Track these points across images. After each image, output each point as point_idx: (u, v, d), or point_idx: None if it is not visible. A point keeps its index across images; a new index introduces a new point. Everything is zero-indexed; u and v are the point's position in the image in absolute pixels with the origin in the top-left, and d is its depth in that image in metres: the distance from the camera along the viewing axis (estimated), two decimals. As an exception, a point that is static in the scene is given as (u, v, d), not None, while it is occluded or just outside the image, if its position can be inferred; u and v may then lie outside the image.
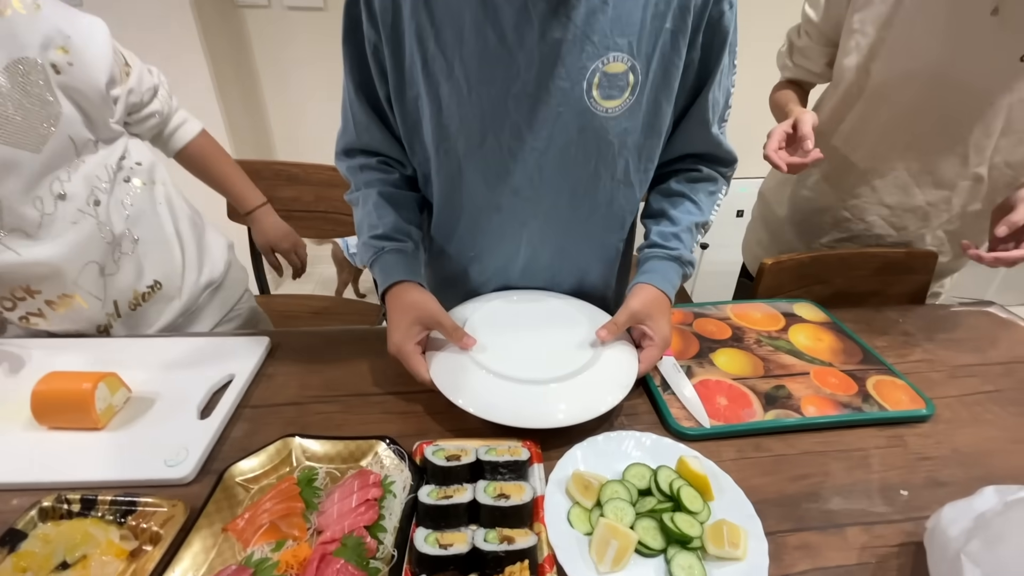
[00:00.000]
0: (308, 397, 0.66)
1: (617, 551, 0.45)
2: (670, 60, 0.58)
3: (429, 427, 0.61)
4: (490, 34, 0.55)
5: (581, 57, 0.56)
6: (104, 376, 0.58)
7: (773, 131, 0.78)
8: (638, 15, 0.55)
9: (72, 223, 0.69)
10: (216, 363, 0.67)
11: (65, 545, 0.45)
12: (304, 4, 2.01)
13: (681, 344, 0.74)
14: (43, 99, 0.64)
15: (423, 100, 0.61)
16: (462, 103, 0.59)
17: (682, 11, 0.55)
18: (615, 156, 0.63)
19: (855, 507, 0.53)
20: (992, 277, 2.38)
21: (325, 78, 2.11)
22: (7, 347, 0.70)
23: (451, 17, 0.55)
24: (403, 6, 0.56)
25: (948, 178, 0.85)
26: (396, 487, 0.51)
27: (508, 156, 0.63)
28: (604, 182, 0.66)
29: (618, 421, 0.63)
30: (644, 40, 0.56)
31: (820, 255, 0.94)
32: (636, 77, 0.58)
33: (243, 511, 0.49)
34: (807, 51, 0.91)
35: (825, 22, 0.86)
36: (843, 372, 0.70)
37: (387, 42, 0.58)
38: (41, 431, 0.57)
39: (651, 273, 0.68)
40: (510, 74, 0.57)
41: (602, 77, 0.57)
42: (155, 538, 0.47)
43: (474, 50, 0.56)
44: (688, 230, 0.70)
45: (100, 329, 0.77)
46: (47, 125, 0.65)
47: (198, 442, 0.56)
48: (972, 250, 0.70)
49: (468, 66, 0.57)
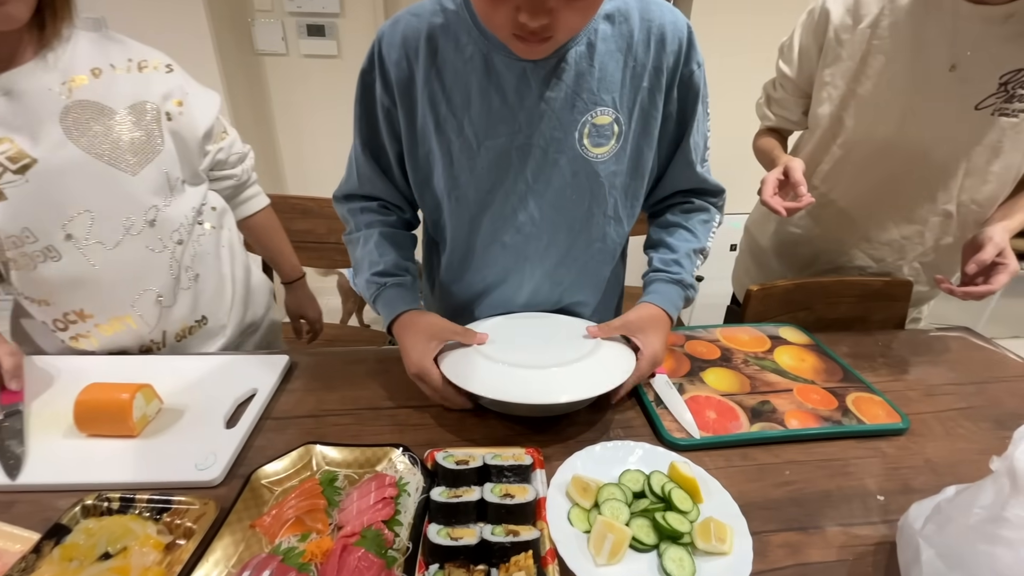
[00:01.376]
0: (325, 410, 0.70)
1: (613, 544, 0.49)
2: (649, 113, 0.67)
3: (439, 437, 0.66)
4: (494, 97, 0.64)
5: (572, 112, 0.65)
6: (140, 387, 0.63)
7: (766, 178, 0.84)
8: (619, 75, 0.64)
9: (150, 250, 0.78)
10: (240, 378, 0.73)
11: (107, 538, 0.49)
12: (319, 52, 2.16)
13: (674, 363, 0.80)
14: (151, 133, 0.76)
15: (435, 155, 0.69)
16: (472, 156, 0.67)
17: (656, 72, 0.65)
18: (605, 195, 0.71)
19: (835, 511, 0.57)
20: (981, 310, 2.44)
21: (335, 120, 2.23)
22: (50, 362, 0.75)
23: (460, 84, 0.64)
24: (416, 75, 0.65)
25: (919, 214, 0.92)
26: (410, 487, 0.55)
27: (513, 199, 0.71)
28: (597, 219, 0.74)
29: (614, 432, 0.67)
30: (625, 96, 0.65)
31: (804, 283, 1.00)
32: (620, 127, 0.66)
33: (269, 509, 0.53)
34: (784, 102, 0.99)
35: (799, 76, 0.94)
36: (824, 389, 0.75)
37: (401, 107, 0.67)
38: (81, 438, 0.62)
39: (653, 294, 0.74)
40: (513, 129, 0.65)
41: (591, 128, 0.66)
42: (188, 533, 0.51)
43: (481, 111, 0.65)
44: (687, 255, 0.77)
45: (142, 349, 0.83)
46: (149, 155, 0.76)
47: (225, 449, 0.61)
48: (944, 284, 0.77)
49: (476, 125, 0.66)
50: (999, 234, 0.77)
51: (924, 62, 0.81)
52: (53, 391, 0.70)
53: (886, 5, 0.81)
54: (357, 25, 2.12)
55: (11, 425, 0.62)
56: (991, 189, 0.86)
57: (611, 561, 0.49)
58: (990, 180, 0.85)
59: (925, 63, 0.81)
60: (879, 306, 1.01)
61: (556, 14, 0.52)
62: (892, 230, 0.95)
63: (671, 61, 0.65)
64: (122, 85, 0.74)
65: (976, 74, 0.79)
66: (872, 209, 0.95)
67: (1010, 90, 0.77)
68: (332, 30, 2.12)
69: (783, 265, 1.09)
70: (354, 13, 2.10)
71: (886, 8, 0.81)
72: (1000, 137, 0.81)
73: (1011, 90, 0.77)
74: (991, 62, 0.77)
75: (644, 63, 0.64)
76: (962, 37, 0.77)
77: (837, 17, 0.85)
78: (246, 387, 0.71)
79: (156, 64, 0.78)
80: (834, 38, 0.86)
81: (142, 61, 0.77)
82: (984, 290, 0.74)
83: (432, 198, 0.75)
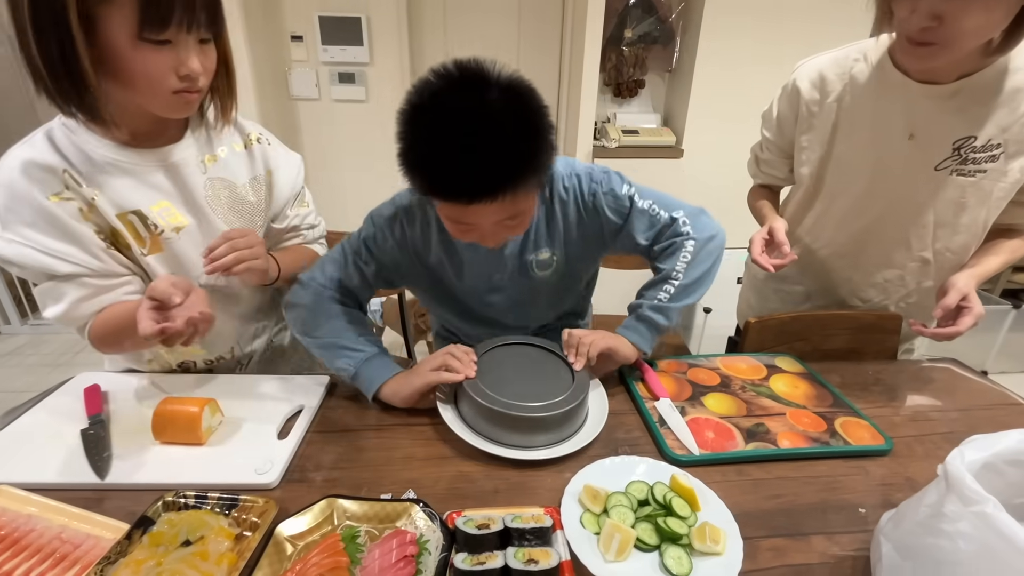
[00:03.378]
0: (362, 425, 0.79)
1: (620, 543, 0.57)
2: (581, 241, 0.89)
3: (463, 449, 0.74)
4: (477, 254, 0.87)
5: (524, 253, 0.88)
6: (207, 402, 0.73)
7: (753, 238, 0.95)
8: (558, 224, 0.87)
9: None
10: (289, 396, 0.82)
11: (187, 528, 0.58)
12: (348, 97, 2.33)
13: (676, 388, 0.87)
14: (260, 200, 0.90)
15: (438, 286, 0.94)
16: (462, 283, 0.92)
17: (580, 214, 0.87)
18: (551, 294, 0.96)
19: (819, 521, 0.64)
20: (989, 346, 2.46)
21: (361, 157, 2.39)
22: (127, 379, 0.85)
23: (455, 249, 0.87)
24: (432, 244, 0.87)
25: (898, 260, 1.00)
26: (430, 545, 0.56)
27: (490, 309, 0.96)
28: (551, 309, 1.01)
29: (622, 449, 0.75)
30: (559, 238, 0.88)
31: (799, 315, 1.08)
32: (555, 258, 0.90)
33: (292, 564, 0.54)
34: (771, 162, 1.09)
35: (781, 140, 1.05)
36: (815, 413, 0.82)
37: (417, 261, 0.90)
38: (156, 445, 0.71)
39: (624, 328, 0.89)
40: (490, 270, 0.90)
41: (536, 261, 0.89)
42: (253, 526, 0.59)
43: (471, 262, 0.88)
44: (649, 288, 0.90)
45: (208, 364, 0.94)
46: (259, 220, 0.91)
47: (279, 456, 0.70)
48: (915, 326, 0.85)
49: (466, 270, 0.90)
50: (963, 280, 0.85)
51: (885, 132, 0.90)
52: (131, 404, 0.80)
53: (847, 84, 0.91)
54: (384, 73, 2.30)
55: (96, 433, 0.72)
56: (962, 239, 0.94)
57: (618, 558, 0.57)
58: (960, 231, 0.93)
59: (886, 133, 0.90)
60: (872, 339, 1.08)
61: (505, 234, 0.76)
62: (875, 274, 1.03)
63: (603, 212, 0.86)
64: (240, 161, 0.87)
65: (931, 142, 0.87)
66: (854, 258, 1.03)
67: (963, 154, 0.86)
68: (361, 78, 2.30)
69: (781, 302, 1.17)
70: (382, 63, 2.28)
71: (847, 86, 0.91)
72: (962, 194, 0.89)
73: (964, 154, 0.86)
74: (944, 131, 0.86)
75: (568, 211, 0.87)
76: (915, 111, 0.86)
77: (806, 92, 0.95)
78: (295, 403, 0.80)
79: (258, 137, 0.91)
80: (806, 110, 0.96)
81: (248, 137, 0.89)
82: (951, 332, 0.82)
83: (432, 305, 1.02)
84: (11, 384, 2.34)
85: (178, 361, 0.91)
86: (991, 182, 0.87)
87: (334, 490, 0.64)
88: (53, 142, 0.72)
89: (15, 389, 2.30)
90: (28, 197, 0.70)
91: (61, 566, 0.54)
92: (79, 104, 0.67)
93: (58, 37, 0.61)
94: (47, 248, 0.71)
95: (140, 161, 0.76)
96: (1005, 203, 0.90)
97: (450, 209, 0.72)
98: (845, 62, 0.92)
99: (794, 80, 0.98)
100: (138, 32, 0.63)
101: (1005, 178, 0.86)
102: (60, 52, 0.62)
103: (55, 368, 2.45)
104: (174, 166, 0.79)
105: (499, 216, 0.71)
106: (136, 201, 0.76)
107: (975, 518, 0.39)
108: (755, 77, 2.16)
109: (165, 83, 0.67)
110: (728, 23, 2.20)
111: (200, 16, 0.66)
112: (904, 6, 0.74)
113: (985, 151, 0.85)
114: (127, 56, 0.64)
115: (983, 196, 0.88)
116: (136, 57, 0.64)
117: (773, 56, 2.08)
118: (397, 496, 0.65)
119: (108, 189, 0.74)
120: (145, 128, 0.76)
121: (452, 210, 0.72)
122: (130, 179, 0.76)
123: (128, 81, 0.67)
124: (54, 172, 0.71)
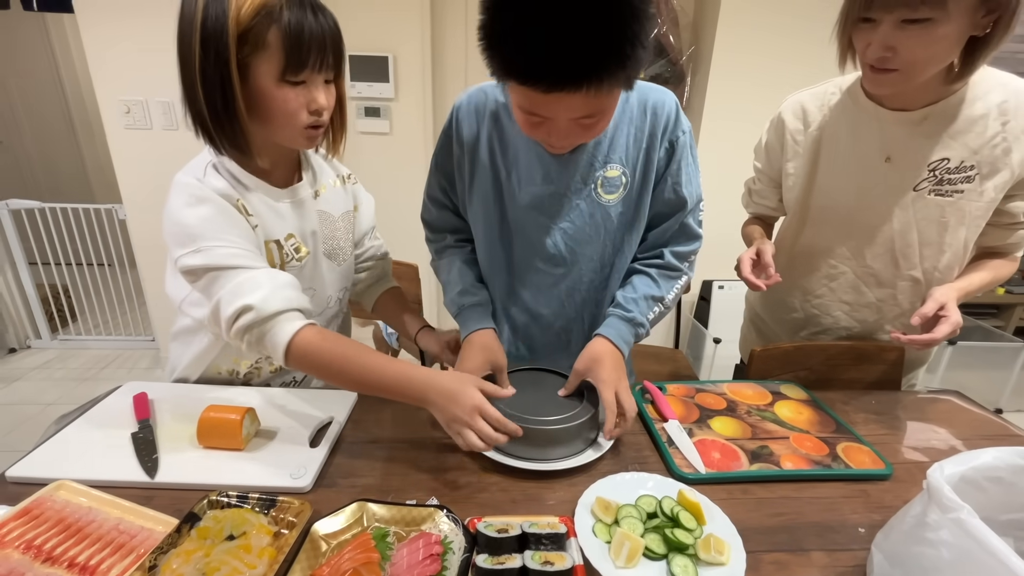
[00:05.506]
0: (387, 436, 0.84)
1: (629, 551, 0.61)
2: (647, 167, 0.86)
3: (482, 460, 0.79)
4: (534, 155, 0.85)
5: (591, 168, 0.85)
6: (246, 411, 0.79)
7: (741, 258, 1.02)
8: (623, 140, 0.85)
9: (327, 320, 1.01)
10: (320, 407, 0.88)
11: (231, 524, 0.63)
12: (374, 130, 2.46)
13: (684, 411, 0.92)
14: (348, 232, 1.01)
15: (490, 195, 0.90)
16: (514, 197, 0.89)
17: (651, 137, 0.85)
18: (615, 231, 0.90)
19: (820, 538, 0.67)
20: (1004, 383, 2.45)
21: (385, 187, 2.50)
22: (172, 388, 0.92)
23: (511, 144, 0.87)
24: (481, 136, 0.87)
25: (888, 279, 1.05)
26: (454, 546, 0.60)
27: (544, 233, 0.90)
28: (608, 250, 0.92)
29: (632, 466, 0.79)
30: (629, 155, 0.85)
31: (802, 345, 1.12)
32: (626, 179, 0.86)
33: (328, 559, 0.59)
34: (762, 193, 1.17)
35: (770, 169, 1.13)
36: (817, 438, 0.86)
37: (467, 157, 0.89)
38: (199, 449, 0.77)
39: (605, 326, 0.89)
40: (547, 179, 0.86)
41: (604, 179, 0.86)
42: (290, 525, 0.64)
43: (525, 165, 0.86)
44: (645, 298, 0.91)
45: None
46: (348, 250, 1.01)
47: (312, 462, 0.75)
48: (894, 334, 0.89)
49: (521, 174, 0.87)
50: (941, 291, 0.91)
51: (863, 156, 0.98)
52: (175, 412, 0.86)
53: (826, 114, 1.01)
54: (408, 108, 2.43)
55: (145, 436, 0.78)
56: (948, 258, 0.99)
57: (628, 565, 0.61)
58: (945, 250, 0.98)
59: (865, 157, 0.98)
60: (873, 368, 1.11)
61: (578, 136, 0.74)
62: (867, 294, 1.08)
63: (661, 128, 0.84)
64: (338, 196, 0.98)
65: (907, 164, 0.94)
66: (848, 276, 1.08)
67: (939, 175, 0.93)
68: (386, 112, 2.43)
69: (780, 328, 1.21)
70: (406, 99, 2.42)
71: (827, 116, 1.01)
72: (942, 213, 0.95)
73: (940, 175, 0.93)
74: (918, 154, 0.93)
75: (642, 129, 0.84)
76: (889, 136, 0.94)
77: (791, 124, 1.05)
78: (325, 414, 0.86)
79: (348, 175, 1.02)
80: (791, 139, 1.05)
81: (340, 174, 1.00)
82: (927, 339, 0.87)
83: (480, 226, 0.95)
84: (41, 397, 2.42)
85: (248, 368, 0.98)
86: (968, 202, 0.93)
87: (362, 496, 0.69)
88: (220, 174, 0.79)
89: (44, 402, 2.38)
90: (230, 211, 0.78)
91: (119, 553, 0.59)
92: (232, 142, 0.76)
93: (221, 87, 0.71)
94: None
95: (275, 194, 0.85)
96: (983, 222, 0.95)
97: (526, 96, 0.66)
98: (824, 95, 1.02)
99: (780, 113, 1.07)
100: (281, 75, 0.72)
101: (981, 198, 0.92)
102: (223, 99, 0.71)
103: (82, 382, 2.54)
104: (300, 201, 0.89)
105: (578, 112, 0.67)
106: (276, 231, 0.85)
107: (953, 525, 0.43)
108: (762, 114, 2.24)
109: (299, 118, 0.76)
110: (737, 60, 2.29)
111: (329, 59, 0.75)
112: (862, 39, 0.84)
113: (960, 172, 0.91)
114: (271, 95, 0.74)
115: (962, 215, 0.94)
116: (277, 96, 0.74)
117: (777, 98, 2.17)
118: (421, 503, 0.70)
119: (258, 217, 0.82)
120: (275, 162, 0.85)
121: (528, 97, 0.66)
122: (270, 211, 0.84)
123: (268, 118, 0.76)
124: (231, 199, 0.79)
